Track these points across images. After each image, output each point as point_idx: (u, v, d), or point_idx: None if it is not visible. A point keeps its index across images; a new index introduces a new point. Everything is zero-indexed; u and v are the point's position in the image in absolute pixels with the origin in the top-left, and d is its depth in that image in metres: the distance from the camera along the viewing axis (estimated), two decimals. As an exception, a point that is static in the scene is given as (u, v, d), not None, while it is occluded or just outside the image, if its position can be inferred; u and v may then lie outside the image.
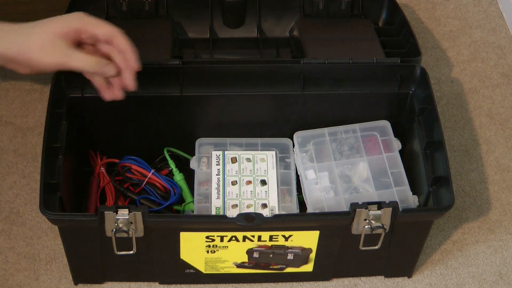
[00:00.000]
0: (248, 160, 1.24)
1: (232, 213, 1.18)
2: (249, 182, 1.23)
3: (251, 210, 1.19)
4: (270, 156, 1.25)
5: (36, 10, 1.49)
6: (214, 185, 1.22)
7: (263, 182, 1.23)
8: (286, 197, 1.22)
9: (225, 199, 1.20)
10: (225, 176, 1.23)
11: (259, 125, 1.29)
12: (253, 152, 1.26)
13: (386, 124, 1.25)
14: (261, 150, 1.26)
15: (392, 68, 1.25)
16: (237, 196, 1.21)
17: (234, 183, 1.22)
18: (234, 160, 1.24)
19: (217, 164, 1.24)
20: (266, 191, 1.22)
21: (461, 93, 1.49)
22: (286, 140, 1.27)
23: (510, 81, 1.51)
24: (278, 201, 1.21)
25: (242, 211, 1.18)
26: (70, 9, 1.32)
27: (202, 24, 1.38)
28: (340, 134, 1.26)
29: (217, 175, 1.23)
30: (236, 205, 1.20)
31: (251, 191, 1.22)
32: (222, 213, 1.19)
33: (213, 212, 1.19)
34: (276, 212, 1.20)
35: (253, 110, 1.27)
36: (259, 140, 1.27)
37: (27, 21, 1.39)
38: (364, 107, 1.27)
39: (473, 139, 1.43)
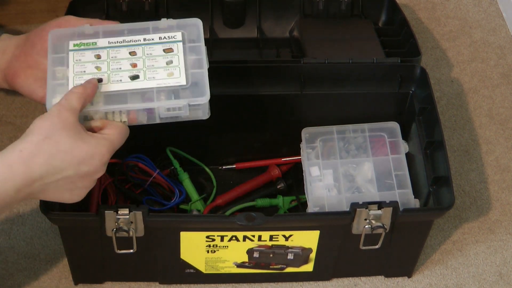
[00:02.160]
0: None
1: None
2: None
3: None
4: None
5: (36, 10, 1.50)
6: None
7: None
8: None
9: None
10: None
11: (259, 125, 1.29)
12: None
13: (395, 125, 1.25)
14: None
15: (392, 68, 1.25)
16: None
17: None
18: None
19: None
20: None
21: (461, 93, 1.49)
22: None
23: (510, 81, 1.51)
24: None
25: None
26: (70, 9, 1.32)
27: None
28: (348, 133, 1.26)
29: None
30: None
31: None
32: None
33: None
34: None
35: (253, 110, 1.27)
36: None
37: (27, 21, 1.40)
38: (364, 107, 1.27)
39: (473, 139, 1.43)
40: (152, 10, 1.36)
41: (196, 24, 1.08)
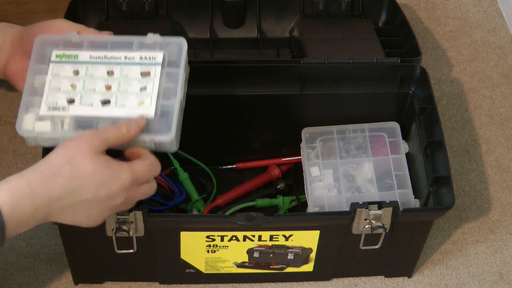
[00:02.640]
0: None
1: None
2: None
3: None
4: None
5: (36, 10, 1.50)
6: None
7: None
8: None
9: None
10: None
11: (259, 125, 1.29)
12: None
13: (395, 125, 1.25)
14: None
15: (392, 68, 1.25)
16: None
17: None
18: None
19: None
20: None
21: (461, 93, 1.49)
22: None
23: (510, 81, 1.51)
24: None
25: None
26: (70, 9, 1.32)
27: (202, 24, 1.38)
28: (348, 133, 1.26)
29: None
30: None
31: None
32: None
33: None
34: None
35: (252, 110, 1.27)
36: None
37: (27, 21, 1.39)
38: (364, 107, 1.27)
39: (473, 139, 1.43)
40: (152, 10, 1.36)
41: (179, 44, 1.05)
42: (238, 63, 1.24)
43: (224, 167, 1.34)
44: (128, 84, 1.03)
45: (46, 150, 1.12)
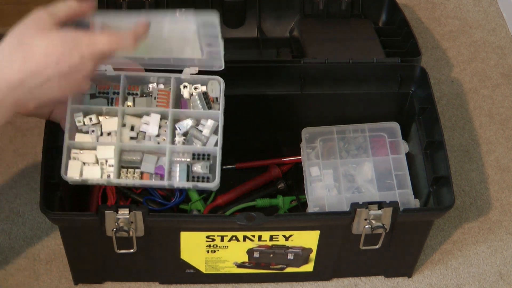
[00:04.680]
0: None
1: None
2: None
3: None
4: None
5: (36, 10, 1.50)
6: None
7: None
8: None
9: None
10: None
11: (259, 125, 1.29)
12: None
13: (395, 125, 1.25)
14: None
15: (392, 68, 1.25)
16: None
17: None
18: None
19: None
20: None
21: (461, 93, 1.49)
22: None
23: (510, 81, 1.51)
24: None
25: None
26: (70, 9, 1.32)
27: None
28: (348, 133, 1.26)
29: None
30: None
31: None
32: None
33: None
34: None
35: (253, 110, 1.27)
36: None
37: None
38: (364, 107, 1.27)
39: (473, 139, 1.43)
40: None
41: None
42: (238, 63, 1.25)
43: (224, 167, 1.34)
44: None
45: (47, 151, 1.12)
